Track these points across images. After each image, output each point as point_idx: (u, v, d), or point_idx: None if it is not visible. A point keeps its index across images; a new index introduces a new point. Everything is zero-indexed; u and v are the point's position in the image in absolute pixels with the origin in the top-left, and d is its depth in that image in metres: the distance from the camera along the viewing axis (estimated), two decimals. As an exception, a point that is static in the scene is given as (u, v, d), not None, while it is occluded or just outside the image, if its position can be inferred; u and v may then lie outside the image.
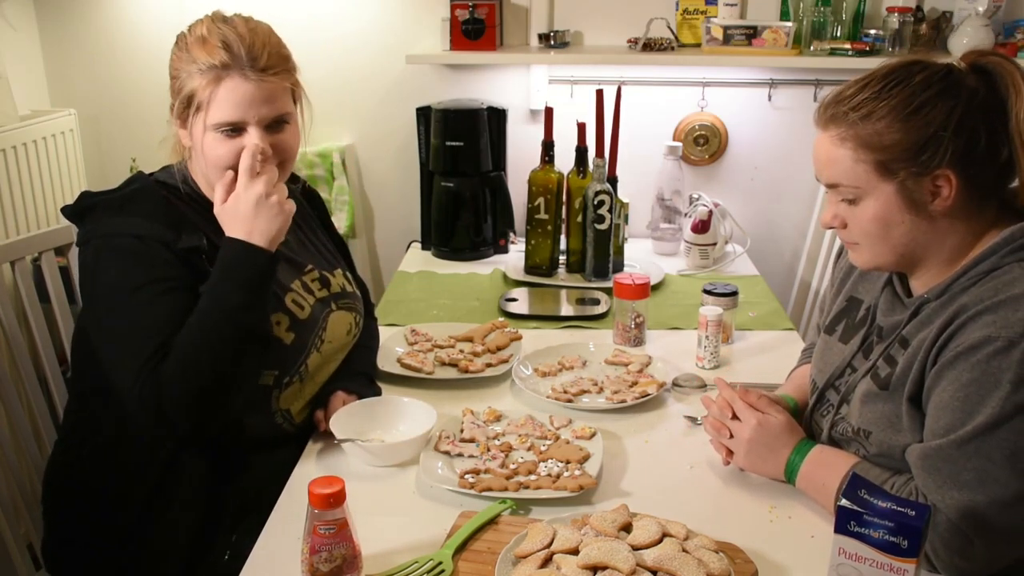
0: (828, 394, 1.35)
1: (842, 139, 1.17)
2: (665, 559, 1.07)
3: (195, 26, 1.39)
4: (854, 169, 1.16)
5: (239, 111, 1.35)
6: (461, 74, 2.62)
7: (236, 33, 1.35)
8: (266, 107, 1.36)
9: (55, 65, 2.70)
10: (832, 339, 1.38)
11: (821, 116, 1.21)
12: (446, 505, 1.28)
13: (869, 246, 1.21)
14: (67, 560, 1.46)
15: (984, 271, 1.15)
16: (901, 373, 1.19)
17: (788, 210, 2.67)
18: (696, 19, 2.49)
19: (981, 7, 2.31)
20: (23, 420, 1.71)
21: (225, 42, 1.34)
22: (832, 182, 1.20)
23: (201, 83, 1.34)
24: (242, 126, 1.36)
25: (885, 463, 1.21)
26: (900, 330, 1.23)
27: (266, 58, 1.36)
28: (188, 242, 1.33)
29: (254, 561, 1.18)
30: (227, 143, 1.36)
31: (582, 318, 2.01)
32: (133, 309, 1.30)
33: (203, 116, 1.36)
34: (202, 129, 1.36)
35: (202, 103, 1.35)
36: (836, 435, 1.30)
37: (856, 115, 1.15)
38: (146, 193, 1.39)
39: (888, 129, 1.13)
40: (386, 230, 2.81)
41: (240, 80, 1.34)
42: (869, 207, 1.17)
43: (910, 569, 0.96)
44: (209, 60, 1.33)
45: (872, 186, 1.16)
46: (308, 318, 1.48)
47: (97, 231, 1.35)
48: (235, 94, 1.34)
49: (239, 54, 1.34)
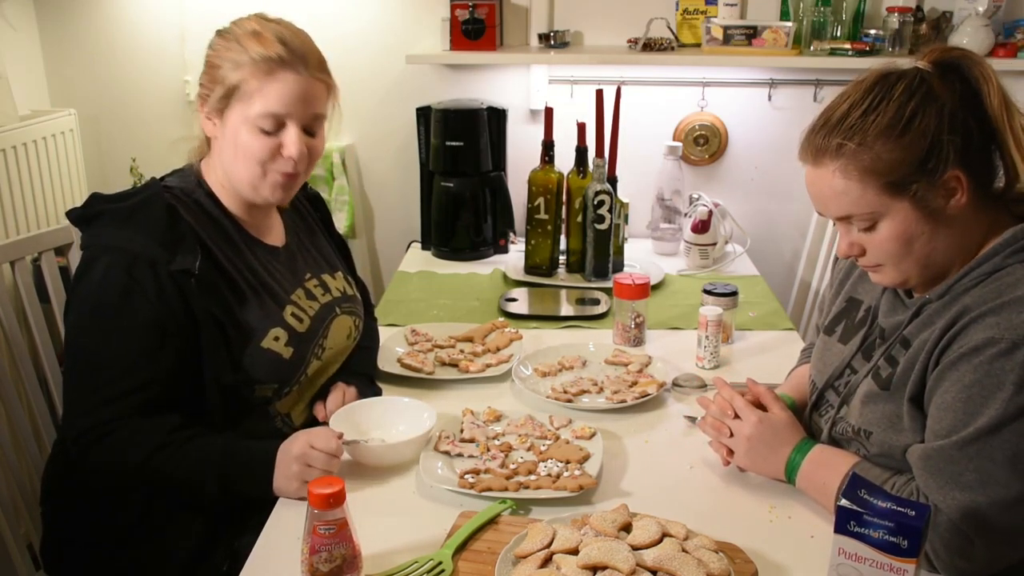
0: (827, 394, 1.35)
1: (844, 172, 1.14)
2: (665, 559, 1.07)
3: (242, 22, 1.42)
4: (864, 197, 1.14)
5: (287, 105, 1.38)
6: (461, 74, 2.62)
7: (290, 31, 1.41)
8: (309, 106, 1.40)
9: (55, 65, 2.70)
10: (831, 340, 1.38)
11: (810, 149, 1.18)
12: (446, 505, 1.28)
13: (894, 265, 1.19)
14: (66, 560, 1.46)
15: (987, 272, 1.15)
16: (903, 373, 1.19)
17: (788, 210, 2.67)
18: (696, 19, 2.49)
19: (981, 7, 2.31)
20: (23, 420, 1.71)
21: (281, 38, 1.38)
22: (844, 215, 1.18)
23: (250, 73, 1.36)
24: (284, 121, 1.39)
25: (885, 463, 1.21)
26: (901, 330, 1.23)
27: (316, 59, 1.42)
28: (181, 264, 1.33)
29: (254, 561, 1.18)
30: (265, 138, 1.39)
31: (582, 318, 2.01)
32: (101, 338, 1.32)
33: (244, 107, 1.37)
34: (240, 120, 1.38)
35: (246, 94, 1.37)
36: (836, 435, 1.30)
37: (851, 144, 1.13)
38: (153, 204, 1.38)
39: (887, 150, 1.12)
40: (386, 230, 2.81)
41: (293, 75, 1.37)
42: (887, 228, 1.15)
43: (910, 569, 0.96)
44: (264, 52, 1.36)
45: (887, 207, 1.14)
46: (307, 330, 1.48)
47: (97, 241, 1.35)
48: (287, 88, 1.37)
49: (295, 51, 1.38)
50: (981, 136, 1.14)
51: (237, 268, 1.43)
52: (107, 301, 1.31)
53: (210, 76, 1.41)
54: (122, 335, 1.31)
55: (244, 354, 1.39)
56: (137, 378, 1.31)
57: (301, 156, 1.41)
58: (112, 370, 1.31)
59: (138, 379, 1.31)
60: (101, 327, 1.31)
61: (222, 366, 1.36)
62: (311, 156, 1.44)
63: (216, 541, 1.38)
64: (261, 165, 1.40)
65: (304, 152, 1.41)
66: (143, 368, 1.31)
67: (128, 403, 1.30)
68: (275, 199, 1.45)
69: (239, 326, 1.39)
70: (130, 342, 1.31)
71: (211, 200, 1.45)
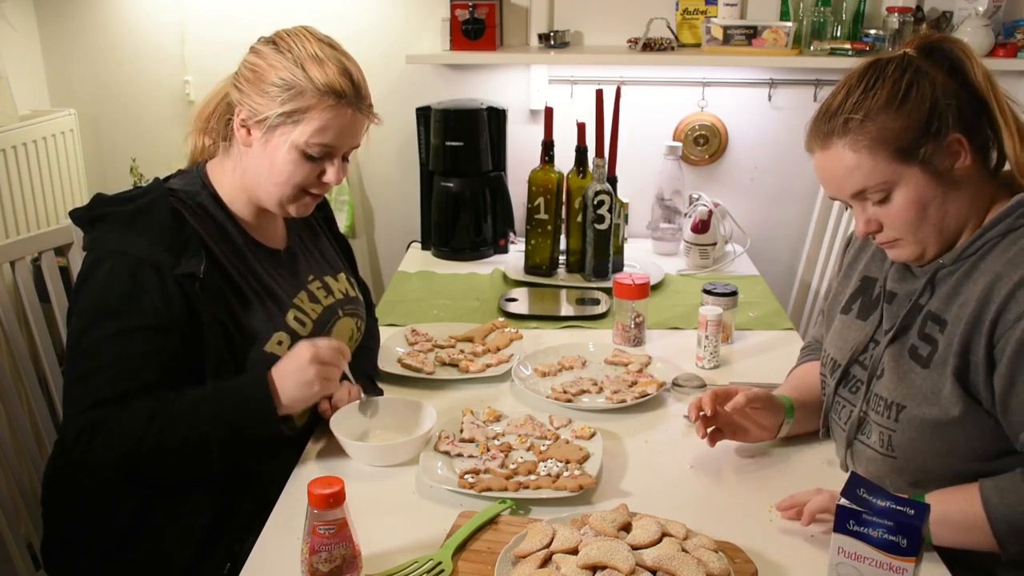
0: (853, 369, 1.35)
1: (854, 145, 1.19)
2: (665, 559, 1.07)
3: (299, 39, 1.39)
4: (876, 168, 1.18)
5: (339, 139, 1.40)
6: (461, 74, 2.62)
7: (350, 63, 1.41)
8: (356, 138, 1.44)
9: (55, 65, 2.70)
10: (849, 318, 1.39)
11: (817, 135, 1.23)
12: (446, 505, 1.28)
13: (912, 234, 1.22)
14: (66, 561, 1.46)
15: (1001, 232, 1.19)
16: (943, 351, 1.20)
17: (788, 210, 2.67)
18: (696, 19, 2.49)
19: (981, 7, 2.32)
20: (23, 420, 1.71)
21: (345, 72, 1.38)
22: (858, 189, 1.21)
23: (312, 101, 1.36)
24: (331, 152, 1.41)
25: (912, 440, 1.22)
26: (917, 298, 1.25)
27: (369, 95, 1.44)
28: (186, 267, 1.33)
29: (254, 561, 1.18)
30: (307, 165, 1.40)
31: (582, 318, 2.01)
32: (101, 339, 1.31)
33: (295, 129, 1.37)
34: (287, 141, 1.38)
35: (302, 118, 1.37)
36: (870, 410, 1.29)
37: (857, 117, 1.18)
38: (157, 207, 1.37)
39: (891, 119, 1.17)
40: (386, 230, 2.81)
41: (353, 113, 1.40)
42: (901, 196, 1.19)
43: (909, 568, 0.96)
44: (328, 83, 1.36)
45: (899, 175, 1.18)
46: (310, 334, 1.48)
47: (100, 243, 1.35)
48: (343, 123, 1.39)
49: (358, 87, 1.40)
50: (971, 105, 1.20)
51: (241, 272, 1.43)
52: (111, 304, 1.31)
53: (259, 88, 1.38)
54: (126, 337, 1.31)
55: (247, 358, 1.39)
56: (139, 380, 1.30)
57: (339, 183, 1.45)
58: (114, 371, 1.30)
59: (140, 381, 1.30)
60: (104, 329, 1.31)
61: (225, 369, 1.36)
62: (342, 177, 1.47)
63: (216, 541, 1.38)
64: (297, 188, 1.42)
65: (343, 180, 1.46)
66: (146, 370, 1.31)
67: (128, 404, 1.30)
68: (298, 215, 1.48)
69: (242, 330, 1.39)
70: (133, 345, 1.31)
71: (216, 203, 1.45)
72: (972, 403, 1.17)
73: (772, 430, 1.42)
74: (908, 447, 1.22)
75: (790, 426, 1.43)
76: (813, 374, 1.48)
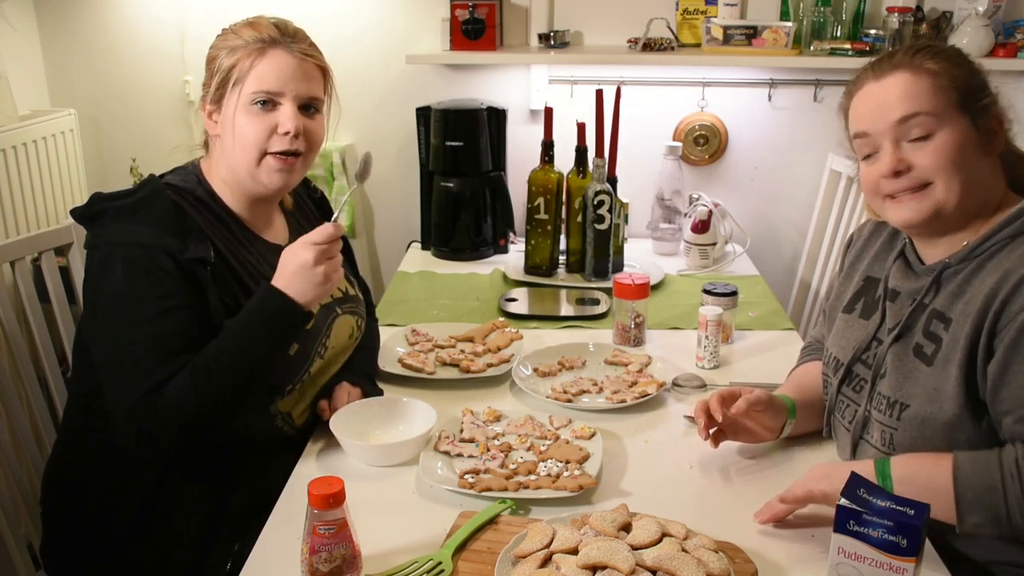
0: (856, 368, 1.35)
1: (916, 74, 1.21)
2: (665, 559, 1.07)
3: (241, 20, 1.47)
4: (935, 97, 1.20)
5: (279, 82, 1.40)
6: (461, 74, 2.62)
7: (283, 20, 1.46)
8: (304, 84, 1.42)
9: (55, 65, 2.70)
10: (852, 317, 1.39)
11: (884, 65, 1.25)
12: (446, 505, 1.28)
13: (945, 181, 1.20)
14: (66, 560, 1.46)
15: (1011, 234, 1.19)
16: (948, 348, 1.20)
17: (788, 210, 2.67)
18: (696, 19, 2.49)
19: (981, 7, 2.32)
20: (23, 420, 1.71)
21: (274, 23, 1.44)
22: (908, 113, 1.21)
23: (244, 55, 1.40)
24: (278, 99, 1.41)
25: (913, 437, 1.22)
26: (922, 297, 1.25)
27: (307, 41, 1.46)
28: (195, 252, 1.33)
29: (254, 561, 1.18)
30: (260, 117, 1.40)
31: (582, 318, 2.01)
32: (134, 325, 1.30)
33: (239, 90, 1.40)
34: (236, 104, 1.40)
35: (241, 76, 1.40)
36: (872, 409, 1.29)
37: (927, 54, 1.22)
38: (157, 199, 1.38)
39: (955, 68, 1.22)
40: (386, 230, 2.81)
41: (284, 53, 1.41)
42: (945, 137, 1.20)
43: (909, 568, 0.96)
44: (257, 35, 1.41)
45: (950, 116, 1.20)
46: (312, 328, 1.48)
47: (106, 237, 1.34)
48: (278, 63, 1.40)
49: (286, 30, 1.43)
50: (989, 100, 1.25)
51: (242, 263, 1.43)
52: (138, 290, 1.30)
53: (208, 71, 1.44)
54: (161, 319, 1.29)
55: None
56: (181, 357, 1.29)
57: (297, 132, 1.41)
58: (157, 354, 1.29)
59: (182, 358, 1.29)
60: (141, 315, 1.30)
61: None
62: (309, 140, 1.44)
63: (216, 541, 1.38)
64: (258, 149, 1.40)
65: (300, 129, 1.41)
66: (184, 347, 1.30)
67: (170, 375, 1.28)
68: (274, 184, 1.44)
69: None
70: (168, 324, 1.30)
71: (212, 197, 1.45)
72: (973, 401, 1.17)
73: (775, 431, 1.42)
74: (909, 446, 1.22)
75: (792, 426, 1.43)
76: (814, 374, 1.48)
